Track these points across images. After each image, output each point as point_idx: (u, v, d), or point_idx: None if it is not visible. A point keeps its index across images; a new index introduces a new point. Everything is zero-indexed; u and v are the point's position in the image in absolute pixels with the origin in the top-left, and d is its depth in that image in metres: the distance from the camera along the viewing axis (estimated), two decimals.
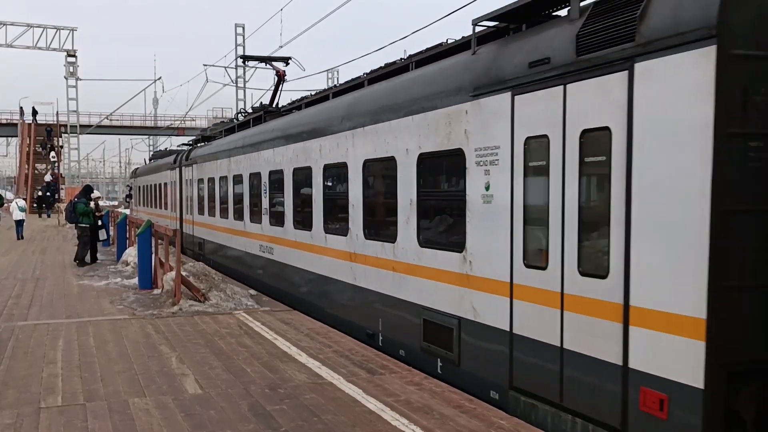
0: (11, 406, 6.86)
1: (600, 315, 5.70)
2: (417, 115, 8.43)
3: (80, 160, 57.47)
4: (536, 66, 6.37)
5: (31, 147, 60.63)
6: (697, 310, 4.84)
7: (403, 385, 7.50)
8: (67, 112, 51.30)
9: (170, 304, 12.45)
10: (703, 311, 4.81)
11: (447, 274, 7.90)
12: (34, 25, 49.86)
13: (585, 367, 5.86)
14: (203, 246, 21.27)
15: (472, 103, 7.32)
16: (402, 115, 8.83)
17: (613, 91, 5.52)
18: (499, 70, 6.97)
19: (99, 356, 8.92)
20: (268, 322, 11.13)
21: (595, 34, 5.72)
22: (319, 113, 12.29)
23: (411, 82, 9.09)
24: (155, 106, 79.07)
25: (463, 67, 7.78)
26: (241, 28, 42.75)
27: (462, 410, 6.64)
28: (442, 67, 8.44)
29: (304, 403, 6.90)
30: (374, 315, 9.73)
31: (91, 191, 20.52)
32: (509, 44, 7.11)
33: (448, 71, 8.14)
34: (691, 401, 4.90)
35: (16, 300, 13.49)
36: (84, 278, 16.74)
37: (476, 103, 7.25)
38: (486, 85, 7.10)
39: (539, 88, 6.33)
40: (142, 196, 37.57)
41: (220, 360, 8.69)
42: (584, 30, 5.87)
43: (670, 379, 5.06)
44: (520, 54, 6.71)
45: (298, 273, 12.79)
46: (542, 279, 6.33)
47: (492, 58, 7.21)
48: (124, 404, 6.91)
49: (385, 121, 9.30)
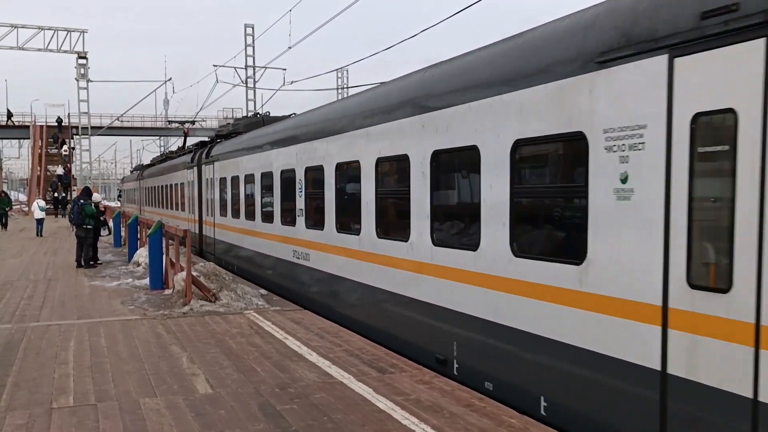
0: (23, 406, 6.90)
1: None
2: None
3: (91, 162, 57.67)
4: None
5: (43, 149, 61.12)
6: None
7: (413, 384, 7.48)
8: (78, 114, 51.46)
9: (181, 305, 12.49)
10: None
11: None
12: (45, 28, 49.99)
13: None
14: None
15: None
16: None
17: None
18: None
19: (110, 357, 8.95)
20: (279, 322, 11.14)
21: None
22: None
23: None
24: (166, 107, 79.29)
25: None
26: (250, 28, 42.72)
27: (472, 408, 6.61)
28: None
29: (313, 403, 6.89)
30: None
31: (91, 193, 20.57)
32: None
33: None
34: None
35: (29, 301, 13.56)
36: (95, 279, 16.82)
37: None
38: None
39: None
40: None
41: (231, 360, 8.70)
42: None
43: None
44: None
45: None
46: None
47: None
48: (135, 404, 6.93)
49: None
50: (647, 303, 5.32)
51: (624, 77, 5.56)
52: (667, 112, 5.18)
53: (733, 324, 4.70)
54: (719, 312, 4.79)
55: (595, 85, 5.82)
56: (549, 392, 6.41)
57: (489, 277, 7.27)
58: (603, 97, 5.76)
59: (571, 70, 6.08)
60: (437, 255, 8.26)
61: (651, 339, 5.29)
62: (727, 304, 4.74)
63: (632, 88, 5.50)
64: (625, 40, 5.58)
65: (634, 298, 5.44)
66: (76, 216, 19.39)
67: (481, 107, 7.38)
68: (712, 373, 4.82)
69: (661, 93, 5.21)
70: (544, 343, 6.45)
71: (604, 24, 5.88)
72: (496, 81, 7.17)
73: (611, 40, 5.71)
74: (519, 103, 6.76)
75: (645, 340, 5.34)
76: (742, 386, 4.63)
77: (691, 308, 4.98)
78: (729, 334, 4.73)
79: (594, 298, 5.83)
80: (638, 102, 5.43)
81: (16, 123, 70.98)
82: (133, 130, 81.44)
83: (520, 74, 6.80)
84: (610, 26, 5.79)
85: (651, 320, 5.30)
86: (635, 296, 5.43)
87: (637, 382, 5.41)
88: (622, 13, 5.74)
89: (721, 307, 4.77)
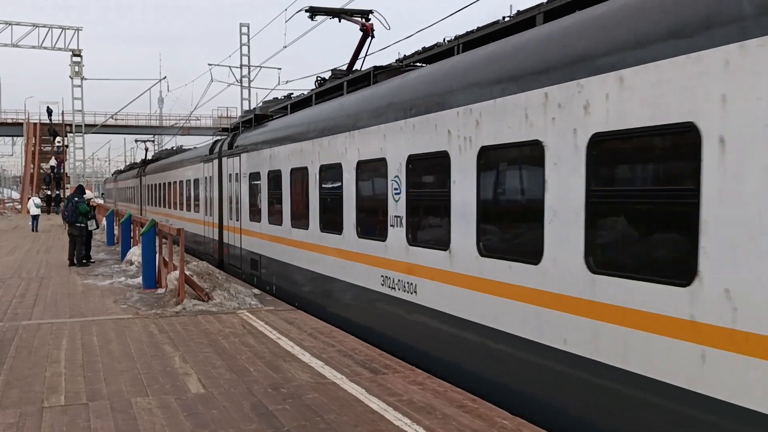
0: (14, 405, 6.86)
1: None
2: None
3: (85, 160, 57.56)
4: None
5: (37, 146, 60.98)
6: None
7: (406, 385, 7.47)
8: (72, 112, 51.39)
9: (174, 304, 12.46)
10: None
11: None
12: (39, 25, 49.92)
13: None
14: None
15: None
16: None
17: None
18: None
19: (102, 356, 8.92)
20: (272, 322, 11.12)
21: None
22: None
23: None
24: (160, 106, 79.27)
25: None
26: (246, 27, 42.71)
27: (465, 410, 6.61)
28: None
29: (306, 403, 6.88)
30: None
31: (84, 191, 20.49)
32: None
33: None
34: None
35: (21, 299, 13.51)
36: (88, 277, 16.77)
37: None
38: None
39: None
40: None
41: (223, 359, 8.68)
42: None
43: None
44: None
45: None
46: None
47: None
48: (127, 404, 6.90)
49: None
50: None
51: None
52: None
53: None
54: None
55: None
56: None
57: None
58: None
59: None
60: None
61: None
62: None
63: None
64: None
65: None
66: (70, 214, 19.32)
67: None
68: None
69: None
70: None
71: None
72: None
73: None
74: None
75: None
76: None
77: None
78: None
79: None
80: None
81: (10, 120, 70.79)
82: (127, 129, 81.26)
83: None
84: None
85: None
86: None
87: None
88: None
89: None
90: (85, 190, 20.83)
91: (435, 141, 8.12)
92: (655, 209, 5.30)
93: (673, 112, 4.97)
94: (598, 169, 5.76)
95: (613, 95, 5.52)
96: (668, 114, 5.01)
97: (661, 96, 5.06)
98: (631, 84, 5.34)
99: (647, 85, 5.18)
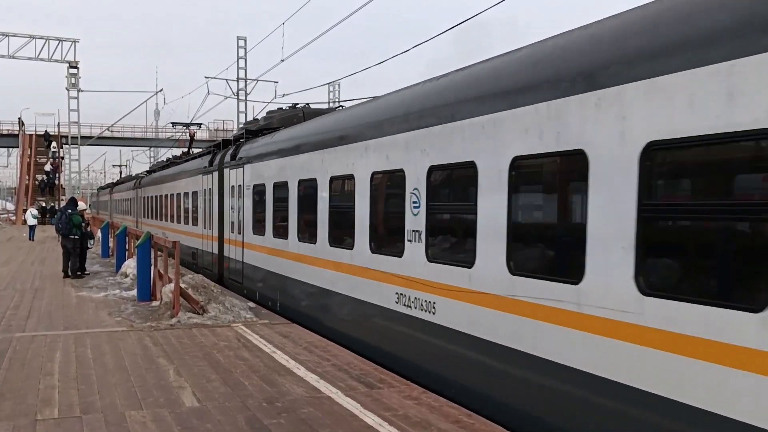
0: (7, 417, 6.82)
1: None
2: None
3: (81, 171, 57.49)
4: None
5: (32, 158, 61.02)
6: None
7: (401, 400, 7.46)
8: (68, 123, 51.39)
9: (168, 317, 12.42)
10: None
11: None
12: (36, 37, 50.02)
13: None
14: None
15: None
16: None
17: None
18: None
19: (96, 368, 8.88)
20: (267, 335, 11.09)
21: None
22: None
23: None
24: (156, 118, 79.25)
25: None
26: (243, 41, 42.86)
27: (460, 425, 6.60)
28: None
29: (301, 417, 6.86)
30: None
31: (77, 203, 20.44)
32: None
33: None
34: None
35: (15, 311, 13.45)
36: (83, 289, 16.71)
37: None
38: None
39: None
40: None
41: (218, 373, 8.65)
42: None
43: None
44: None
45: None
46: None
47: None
48: (121, 417, 6.87)
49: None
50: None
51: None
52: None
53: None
54: None
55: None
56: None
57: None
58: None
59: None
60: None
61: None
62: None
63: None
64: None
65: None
66: (63, 226, 19.23)
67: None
68: None
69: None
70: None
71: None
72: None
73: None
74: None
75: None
76: None
77: None
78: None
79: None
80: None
81: (5, 131, 70.80)
82: (123, 141, 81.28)
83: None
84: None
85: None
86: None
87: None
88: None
89: None
90: (78, 201, 20.79)
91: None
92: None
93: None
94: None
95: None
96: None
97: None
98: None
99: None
